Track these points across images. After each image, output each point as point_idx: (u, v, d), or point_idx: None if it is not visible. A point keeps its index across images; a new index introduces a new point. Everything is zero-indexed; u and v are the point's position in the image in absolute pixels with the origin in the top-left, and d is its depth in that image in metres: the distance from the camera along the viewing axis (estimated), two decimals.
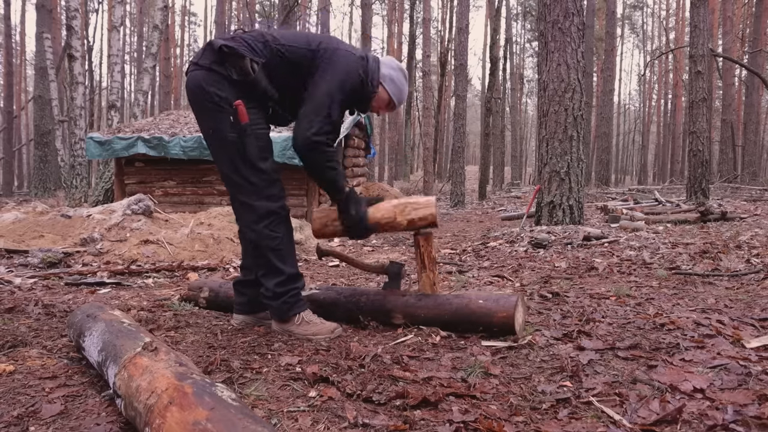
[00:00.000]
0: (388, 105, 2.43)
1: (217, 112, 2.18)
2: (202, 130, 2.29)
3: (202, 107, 2.22)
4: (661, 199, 10.36)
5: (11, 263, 4.49)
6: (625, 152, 45.52)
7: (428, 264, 2.38)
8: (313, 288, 2.66)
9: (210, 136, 2.25)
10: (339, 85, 2.19)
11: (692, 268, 3.76)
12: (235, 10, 34.04)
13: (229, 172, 2.24)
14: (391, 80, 2.38)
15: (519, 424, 1.43)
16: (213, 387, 1.23)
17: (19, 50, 31.07)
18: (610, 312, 2.57)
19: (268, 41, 2.23)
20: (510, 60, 28.24)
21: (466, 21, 14.55)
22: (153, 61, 11.48)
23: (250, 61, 2.14)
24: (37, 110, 17.35)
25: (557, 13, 6.17)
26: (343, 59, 2.23)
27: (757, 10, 19.81)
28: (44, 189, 16.84)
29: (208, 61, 2.19)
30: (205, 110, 2.22)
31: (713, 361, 1.82)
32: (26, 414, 1.49)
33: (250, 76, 2.15)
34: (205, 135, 2.28)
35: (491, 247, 5.43)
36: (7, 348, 2.08)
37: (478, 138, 32.24)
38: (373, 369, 1.86)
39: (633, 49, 48.51)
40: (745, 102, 21.38)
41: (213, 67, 2.18)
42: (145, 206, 5.89)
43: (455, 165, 15.24)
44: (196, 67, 2.22)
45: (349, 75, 2.22)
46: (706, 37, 9.81)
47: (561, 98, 6.15)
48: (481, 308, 2.23)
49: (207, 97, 2.18)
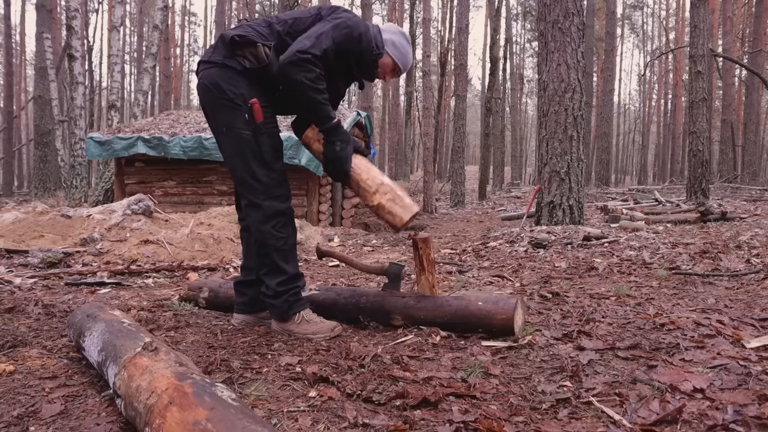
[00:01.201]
0: (393, 70, 2.41)
1: (232, 109, 2.17)
2: (214, 128, 2.27)
3: (217, 105, 2.21)
4: (661, 199, 10.36)
5: (11, 263, 4.49)
6: (625, 152, 45.53)
7: (427, 266, 2.38)
8: (313, 289, 2.65)
9: (224, 134, 2.23)
10: (333, 26, 2.18)
11: (692, 268, 3.76)
12: (235, 10, 34.05)
13: (241, 170, 2.23)
14: (393, 44, 2.35)
15: (519, 424, 1.43)
16: (213, 387, 1.23)
17: (19, 50, 31.08)
18: (610, 312, 2.57)
19: (272, 23, 2.25)
20: (510, 60, 28.25)
21: (466, 21, 14.56)
22: (153, 61, 11.48)
23: (262, 46, 2.15)
24: (37, 110, 17.36)
25: (557, 13, 6.17)
26: (344, 14, 2.26)
27: (757, 10, 19.82)
28: (44, 189, 16.84)
29: (220, 56, 2.19)
30: (220, 108, 2.20)
31: (713, 361, 1.82)
32: (26, 414, 1.49)
33: (264, 62, 2.15)
34: (218, 133, 2.26)
35: (491, 247, 5.43)
36: (7, 348, 2.08)
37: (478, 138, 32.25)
38: (373, 369, 1.86)
39: (633, 49, 48.60)
40: (745, 102, 21.38)
41: (226, 63, 2.18)
42: (145, 206, 5.89)
43: (455, 165, 15.25)
44: (209, 65, 2.21)
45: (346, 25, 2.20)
46: (706, 37, 9.81)
47: (561, 98, 6.15)
48: (480, 310, 2.23)
49: (222, 94, 2.17)
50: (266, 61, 2.15)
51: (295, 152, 8.02)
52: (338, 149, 2.19)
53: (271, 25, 2.24)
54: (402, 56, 2.39)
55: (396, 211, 2.19)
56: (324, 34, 2.14)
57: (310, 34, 2.16)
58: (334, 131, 2.18)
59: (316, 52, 2.10)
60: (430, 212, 12.96)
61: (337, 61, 2.21)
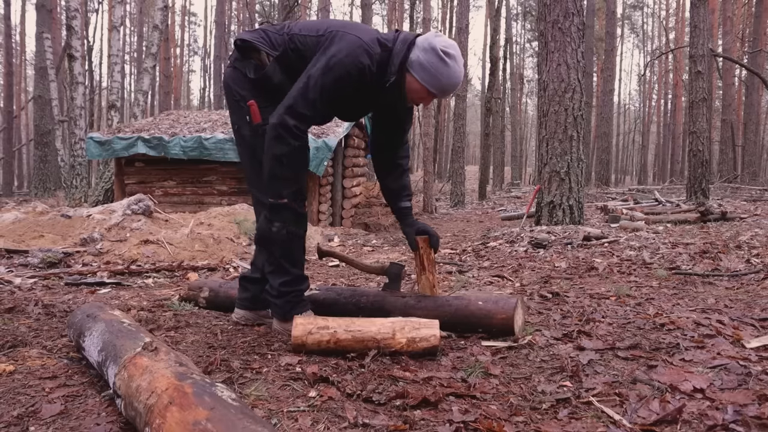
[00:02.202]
0: (428, 94, 2.10)
1: (239, 109, 2.24)
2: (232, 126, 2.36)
3: (230, 104, 2.29)
4: (661, 199, 10.36)
5: (11, 263, 4.48)
6: (625, 152, 45.52)
7: (428, 266, 2.38)
8: (314, 288, 2.65)
9: (235, 132, 2.33)
10: (323, 68, 2.01)
11: (692, 268, 3.76)
12: (235, 10, 34.05)
13: (246, 168, 2.32)
14: (420, 66, 2.04)
15: (519, 424, 1.43)
16: (213, 387, 1.23)
17: (19, 50, 31.07)
18: (610, 312, 2.57)
19: (285, 32, 2.20)
20: (510, 60, 28.24)
21: (466, 21, 14.56)
22: (153, 61, 11.49)
23: (265, 54, 2.15)
24: (37, 110, 17.36)
25: (557, 13, 6.17)
26: (343, 42, 2.05)
27: (757, 10, 19.82)
28: (44, 189, 16.84)
29: (233, 58, 2.27)
30: (232, 107, 2.29)
31: (713, 361, 1.82)
32: (26, 414, 1.49)
33: (261, 70, 2.16)
34: (233, 131, 2.35)
35: (491, 247, 5.42)
36: (7, 348, 2.08)
37: (478, 138, 32.23)
38: (373, 369, 1.86)
39: (633, 49, 48.57)
40: (745, 102, 21.39)
41: (235, 65, 2.24)
42: (145, 206, 5.89)
43: (455, 165, 15.26)
44: (229, 66, 2.30)
45: (341, 59, 2.01)
46: (706, 37, 9.81)
47: (561, 98, 6.15)
48: (480, 310, 2.23)
49: (232, 94, 2.25)
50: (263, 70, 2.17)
51: None
52: (274, 230, 2.16)
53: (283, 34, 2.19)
54: (432, 78, 2.05)
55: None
56: (311, 86, 2.02)
57: (298, 87, 2.05)
58: (275, 210, 2.14)
59: (302, 113, 2.03)
60: (430, 212, 12.96)
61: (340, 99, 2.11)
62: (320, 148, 8.21)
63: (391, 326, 2.02)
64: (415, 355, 1.99)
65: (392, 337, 1.99)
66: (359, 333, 2.01)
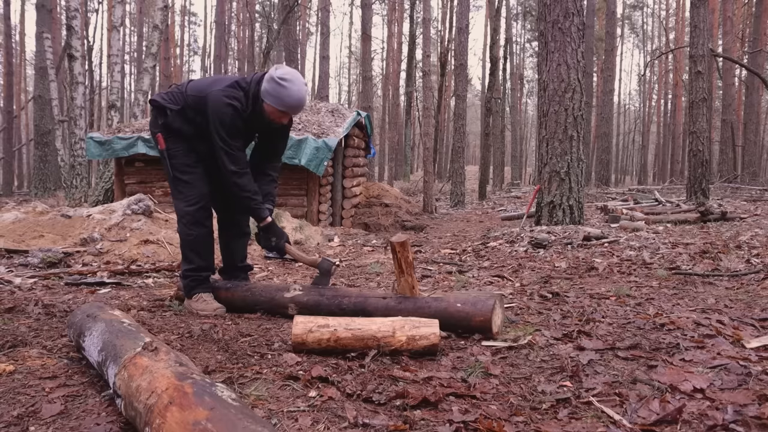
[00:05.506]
0: (280, 113, 2.71)
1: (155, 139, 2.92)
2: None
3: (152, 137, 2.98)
4: (661, 199, 10.36)
5: (11, 263, 4.48)
6: (625, 152, 45.50)
7: (406, 268, 2.39)
8: (297, 289, 2.67)
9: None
10: (218, 124, 2.67)
11: (692, 268, 3.76)
12: (235, 10, 34.04)
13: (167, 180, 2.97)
14: (268, 93, 2.65)
15: (519, 424, 1.43)
16: (213, 387, 1.23)
17: (19, 50, 31.05)
18: (610, 312, 2.57)
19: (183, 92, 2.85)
20: (510, 60, 28.25)
21: (466, 21, 14.55)
22: (153, 61, 11.48)
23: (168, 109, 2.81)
24: (37, 110, 17.35)
25: (557, 13, 6.17)
26: (211, 102, 2.68)
27: (757, 10, 19.81)
28: (44, 189, 16.83)
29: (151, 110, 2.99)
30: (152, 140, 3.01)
31: (713, 361, 1.82)
32: (26, 414, 1.49)
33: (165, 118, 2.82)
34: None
35: (491, 247, 5.42)
36: (7, 348, 2.08)
37: (478, 138, 32.26)
38: (373, 369, 1.86)
39: (633, 49, 48.54)
40: (745, 102, 21.37)
41: (153, 113, 2.96)
42: (145, 206, 5.89)
43: (455, 165, 15.25)
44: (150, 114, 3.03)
45: (220, 113, 2.66)
46: (706, 37, 9.81)
47: (561, 98, 6.15)
48: (459, 312, 2.26)
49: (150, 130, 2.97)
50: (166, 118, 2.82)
51: (295, 152, 8.02)
52: (273, 243, 2.83)
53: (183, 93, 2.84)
54: (277, 100, 2.65)
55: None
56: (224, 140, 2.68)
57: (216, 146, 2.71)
58: (269, 229, 2.82)
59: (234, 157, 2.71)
60: (430, 212, 12.95)
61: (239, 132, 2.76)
62: (320, 148, 8.19)
63: (392, 324, 2.04)
64: (415, 353, 2.00)
65: (392, 335, 2.02)
66: (359, 331, 2.02)
